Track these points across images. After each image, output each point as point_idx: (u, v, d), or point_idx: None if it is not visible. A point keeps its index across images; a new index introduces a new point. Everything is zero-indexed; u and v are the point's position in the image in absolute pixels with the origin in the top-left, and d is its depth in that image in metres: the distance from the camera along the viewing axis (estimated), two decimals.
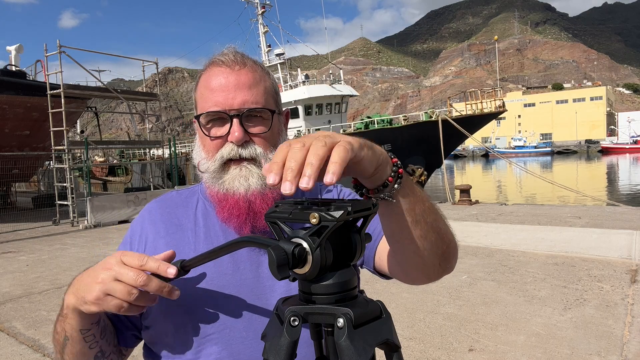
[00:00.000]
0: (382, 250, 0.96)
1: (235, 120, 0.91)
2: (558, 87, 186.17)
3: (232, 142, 0.91)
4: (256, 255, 0.95)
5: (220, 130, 0.93)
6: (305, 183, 0.53)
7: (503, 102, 21.37)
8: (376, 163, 0.64)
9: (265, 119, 0.95)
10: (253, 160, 0.93)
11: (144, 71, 17.50)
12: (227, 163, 0.93)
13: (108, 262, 0.78)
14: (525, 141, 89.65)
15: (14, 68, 16.71)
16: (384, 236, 0.90)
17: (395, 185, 0.69)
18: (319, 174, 0.54)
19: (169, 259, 0.82)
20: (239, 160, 0.93)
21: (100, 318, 0.87)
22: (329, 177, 0.53)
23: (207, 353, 0.90)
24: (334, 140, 0.57)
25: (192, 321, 0.90)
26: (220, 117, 0.92)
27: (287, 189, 0.53)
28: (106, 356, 0.90)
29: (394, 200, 0.71)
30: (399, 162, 0.69)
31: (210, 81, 0.93)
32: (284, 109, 1.03)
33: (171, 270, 0.78)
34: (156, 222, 1.00)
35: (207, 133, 0.94)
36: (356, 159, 0.59)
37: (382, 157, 0.66)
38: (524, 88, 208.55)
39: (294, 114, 27.70)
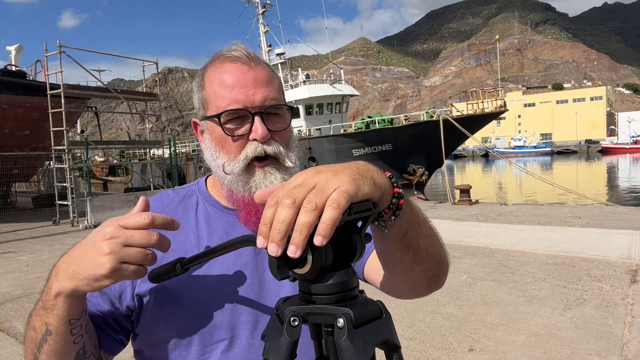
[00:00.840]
0: (371, 262, 0.94)
1: (257, 118, 0.88)
2: (558, 87, 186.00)
3: (256, 139, 0.89)
4: (261, 259, 0.94)
5: (242, 129, 0.89)
6: (293, 252, 0.51)
7: (504, 102, 21.32)
8: (376, 197, 0.60)
9: (282, 115, 0.93)
10: (276, 159, 0.91)
11: (144, 71, 17.50)
12: (251, 164, 0.90)
13: (107, 232, 0.71)
14: (525, 141, 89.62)
15: (14, 68, 16.71)
16: (374, 249, 0.87)
17: (392, 218, 0.65)
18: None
19: (145, 209, 0.77)
20: (262, 161, 0.90)
21: (86, 307, 0.81)
22: (319, 240, 0.51)
23: None
24: (326, 195, 0.53)
25: (196, 328, 0.88)
26: (240, 115, 0.89)
27: (273, 251, 0.52)
28: (87, 356, 0.84)
29: (387, 230, 0.68)
30: (401, 191, 0.64)
31: (224, 78, 0.90)
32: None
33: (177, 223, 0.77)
34: None
35: (228, 132, 0.90)
36: (353, 201, 0.55)
37: (384, 189, 0.61)
38: (524, 88, 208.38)
39: (295, 113, 27.60)
